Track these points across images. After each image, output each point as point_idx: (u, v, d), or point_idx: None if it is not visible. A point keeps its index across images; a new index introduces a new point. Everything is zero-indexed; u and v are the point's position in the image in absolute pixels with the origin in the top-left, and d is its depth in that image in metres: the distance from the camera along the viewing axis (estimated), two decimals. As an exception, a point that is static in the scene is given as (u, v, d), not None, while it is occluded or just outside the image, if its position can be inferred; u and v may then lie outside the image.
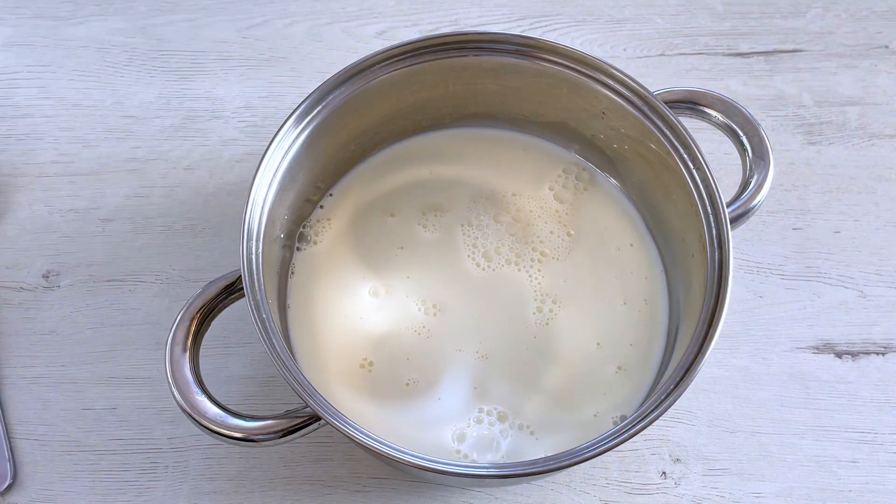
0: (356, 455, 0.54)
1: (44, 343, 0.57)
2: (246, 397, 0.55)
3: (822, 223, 0.61)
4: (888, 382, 0.56)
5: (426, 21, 0.69)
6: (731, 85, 0.66)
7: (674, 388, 0.43)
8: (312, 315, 0.52)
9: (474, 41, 0.50)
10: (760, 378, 0.56)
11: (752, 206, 0.49)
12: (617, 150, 0.54)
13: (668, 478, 0.53)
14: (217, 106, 0.65)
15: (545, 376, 0.50)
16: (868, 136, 0.64)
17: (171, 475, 0.53)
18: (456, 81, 0.53)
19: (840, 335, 0.57)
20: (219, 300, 0.46)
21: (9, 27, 0.68)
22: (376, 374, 0.50)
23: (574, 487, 0.53)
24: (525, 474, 0.41)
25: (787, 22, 0.69)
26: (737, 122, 0.50)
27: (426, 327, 0.51)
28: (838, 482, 0.53)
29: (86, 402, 0.55)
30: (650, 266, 0.53)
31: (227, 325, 0.55)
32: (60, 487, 0.53)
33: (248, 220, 0.46)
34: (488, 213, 0.55)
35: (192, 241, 0.60)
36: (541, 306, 0.52)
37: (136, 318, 0.58)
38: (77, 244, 0.60)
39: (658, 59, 0.67)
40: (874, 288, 0.59)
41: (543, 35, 0.52)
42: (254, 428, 0.43)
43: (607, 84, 0.50)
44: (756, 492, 0.53)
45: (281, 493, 0.53)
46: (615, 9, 0.70)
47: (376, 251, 0.54)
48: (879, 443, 0.54)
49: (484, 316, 0.52)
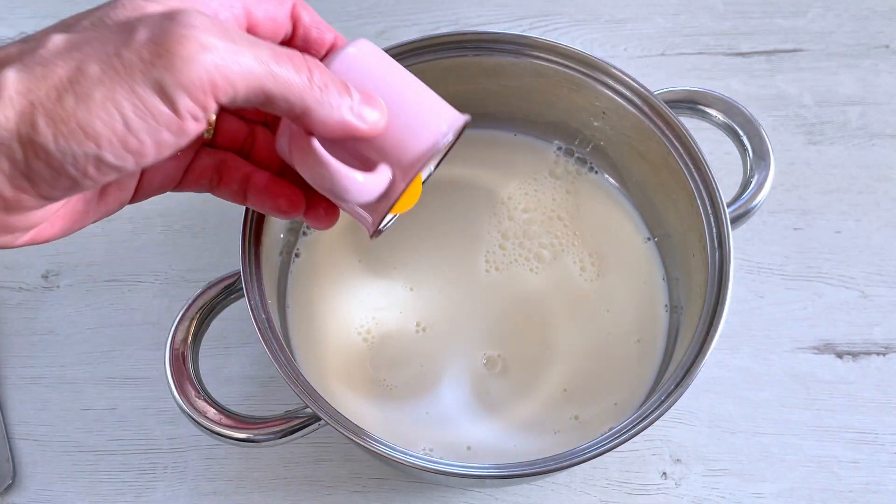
0: (356, 455, 0.54)
1: (43, 343, 0.57)
2: (246, 397, 0.55)
3: (822, 223, 0.61)
4: (889, 383, 0.56)
5: (426, 21, 0.69)
6: (731, 85, 0.66)
7: (674, 388, 0.43)
8: (312, 315, 0.52)
9: (474, 41, 0.50)
10: (761, 378, 0.56)
11: (752, 206, 0.49)
12: (617, 150, 0.54)
13: (669, 478, 0.53)
14: (217, 106, 0.65)
15: (546, 376, 0.50)
16: (869, 136, 0.64)
17: (171, 476, 0.53)
18: (456, 81, 0.53)
19: (841, 335, 0.57)
20: (219, 300, 0.46)
21: (8, 27, 0.68)
22: (376, 374, 0.50)
23: (574, 488, 0.53)
24: (525, 474, 0.41)
25: (787, 21, 0.69)
26: (737, 122, 0.50)
27: (427, 327, 0.51)
28: (839, 483, 0.53)
29: (85, 402, 0.55)
30: (650, 266, 0.53)
31: (227, 325, 0.55)
32: (60, 487, 0.53)
33: (248, 220, 0.46)
34: (488, 212, 0.55)
35: (192, 241, 0.60)
36: (541, 306, 0.52)
37: (135, 318, 0.58)
38: (77, 244, 0.60)
39: (658, 59, 0.67)
40: (875, 288, 0.59)
41: (543, 35, 0.52)
42: (254, 428, 0.43)
43: (607, 84, 0.50)
44: (757, 492, 0.53)
45: (281, 494, 0.53)
46: (615, 9, 0.70)
47: (376, 251, 0.54)
48: (880, 443, 0.54)
49: (485, 316, 0.52)
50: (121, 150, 0.28)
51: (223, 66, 0.28)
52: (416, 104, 0.38)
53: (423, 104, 0.38)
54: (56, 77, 0.27)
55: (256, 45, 0.30)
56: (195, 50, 0.28)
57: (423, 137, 0.37)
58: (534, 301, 0.52)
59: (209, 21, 0.29)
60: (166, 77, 0.27)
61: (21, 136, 0.27)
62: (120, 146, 0.28)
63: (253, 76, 0.29)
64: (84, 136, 0.27)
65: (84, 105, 0.27)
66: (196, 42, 0.28)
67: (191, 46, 0.28)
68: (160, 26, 0.28)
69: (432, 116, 0.38)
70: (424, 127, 0.37)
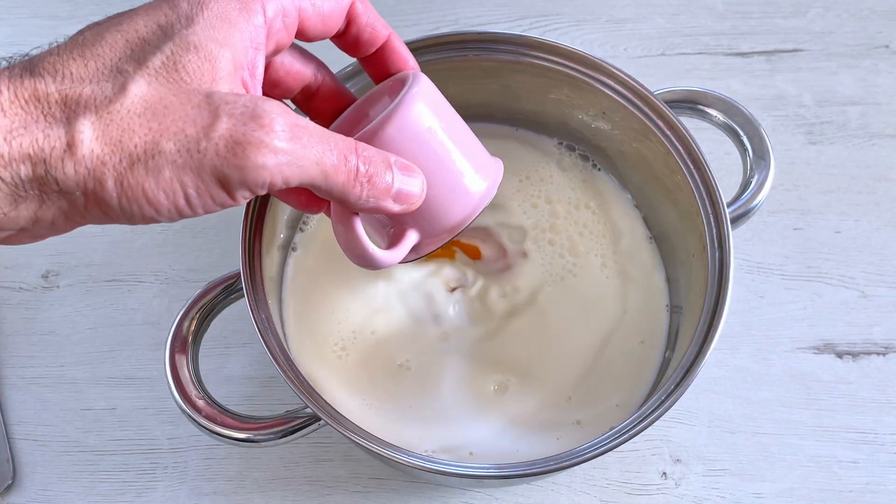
0: (356, 455, 0.54)
1: (43, 343, 0.57)
2: (246, 397, 0.55)
3: (822, 223, 0.61)
4: (889, 383, 0.56)
5: (426, 21, 0.69)
6: (731, 85, 0.66)
7: (674, 388, 0.43)
8: (312, 315, 0.52)
9: (474, 41, 0.50)
10: (761, 378, 0.56)
11: (752, 206, 0.49)
12: (617, 150, 0.54)
13: (669, 478, 0.53)
14: (217, 106, 0.65)
15: (546, 376, 0.50)
16: (869, 136, 0.64)
17: (171, 476, 0.53)
18: (456, 81, 0.53)
19: (841, 335, 0.57)
20: (219, 300, 0.46)
21: (8, 27, 0.68)
22: (376, 373, 0.50)
23: (574, 488, 0.53)
24: (525, 474, 0.41)
25: (787, 21, 0.69)
26: (737, 122, 0.50)
27: (427, 327, 0.51)
28: (839, 482, 0.53)
29: (85, 402, 0.55)
30: (650, 266, 0.53)
31: (227, 325, 0.55)
32: (60, 487, 0.53)
33: (248, 220, 0.46)
34: (488, 212, 0.55)
35: (192, 241, 0.60)
36: (541, 306, 0.52)
37: (135, 318, 0.58)
38: (76, 244, 0.60)
39: (658, 59, 0.67)
40: (875, 288, 0.59)
41: (543, 35, 0.52)
42: (254, 428, 0.43)
43: (607, 84, 0.50)
44: (756, 492, 0.53)
45: (281, 494, 0.53)
46: (615, 9, 0.70)
47: (376, 251, 0.54)
48: (880, 443, 0.54)
49: (485, 316, 0.52)
50: (175, 214, 0.31)
51: (286, 170, 0.31)
52: (455, 175, 0.38)
53: (463, 173, 0.38)
54: (132, 145, 0.29)
55: (318, 142, 0.32)
56: (266, 156, 0.30)
57: (455, 212, 0.38)
58: (535, 301, 0.52)
59: (287, 121, 0.31)
60: (234, 175, 0.30)
61: (87, 189, 0.29)
62: (175, 213, 0.31)
63: (307, 175, 0.32)
64: (146, 202, 0.30)
65: (153, 178, 0.29)
66: (269, 149, 0.30)
67: (264, 153, 0.30)
68: (243, 125, 0.30)
69: (467, 191, 0.38)
70: (458, 201, 0.38)
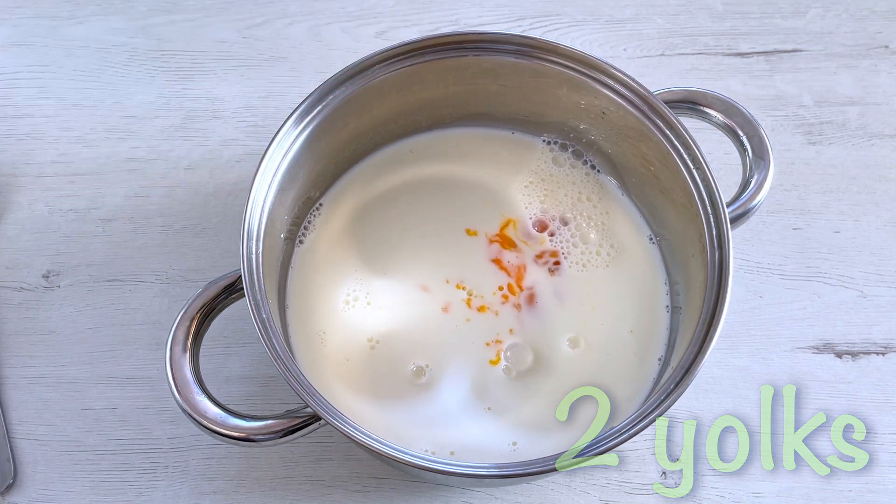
0: (356, 455, 0.54)
1: (44, 343, 0.57)
2: (246, 397, 0.55)
3: (822, 223, 0.61)
4: (888, 382, 0.56)
5: (426, 21, 0.69)
6: (731, 85, 0.66)
7: (674, 388, 0.43)
8: (312, 315, 0.52)
9: (474, 41, 0.50)
10: (761, 378, 0.56)
11: (752, 206, 0.49)
12: (617, 150, 0.54)
13: (669, 478, 0.53)
14: (217, 106, 0.65)
15: (546, 377, 0.50)
16: (868, 136, 0.64)
17: (171, 475, 0.53)
18: (456, 81, 0.53)
19: (840, 335, 0.57)
20: (219, 300, 0.46)
21: (9, 27, 0.68)
22: (377, 373, 0.50)
23: (574, 487, 0.53)
24: (525, 474, 0.41)
25: (787, 22, 0.69)
26: (737, 122, 0.50)
27: (427, 326, 0.51)
28: (839, 482, 0.53)
29: (86, 402, 0.55)
30: (650, 266, 0.53)
31: (227, 325, 0.55)
32: (60, 487, 0.53)
33: (248, 220, 0.46)
34: (488, 212, 0.55)
35: (192, 241, 0.60)
36: (546, 305, 0.52)
37: (136, 318, 0.58)
38: (77, 244, 0.60)
39: (658, 59, 0.67)
40: (874, 288, 0.59)
41: (543, 35, 0.52)
42: (254, 428, 0.43)
43: (607, 84, 0.50)
44: (756, 492, 0.53)
45: (281, 493, 0.53)
46: (615, 9, 0.70)
47: (377, 251, 0.54)
48: (879, 443, 0.54)
49: (485, 315, 0.52)
50: None
51: None
52: None
53: None
54: None
55: None
56: None
57: None
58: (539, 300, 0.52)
59: None
60: None
61: None
62: None
63: None
64: None
65: None
66: None
67: None
68: None
69: None
70: None
